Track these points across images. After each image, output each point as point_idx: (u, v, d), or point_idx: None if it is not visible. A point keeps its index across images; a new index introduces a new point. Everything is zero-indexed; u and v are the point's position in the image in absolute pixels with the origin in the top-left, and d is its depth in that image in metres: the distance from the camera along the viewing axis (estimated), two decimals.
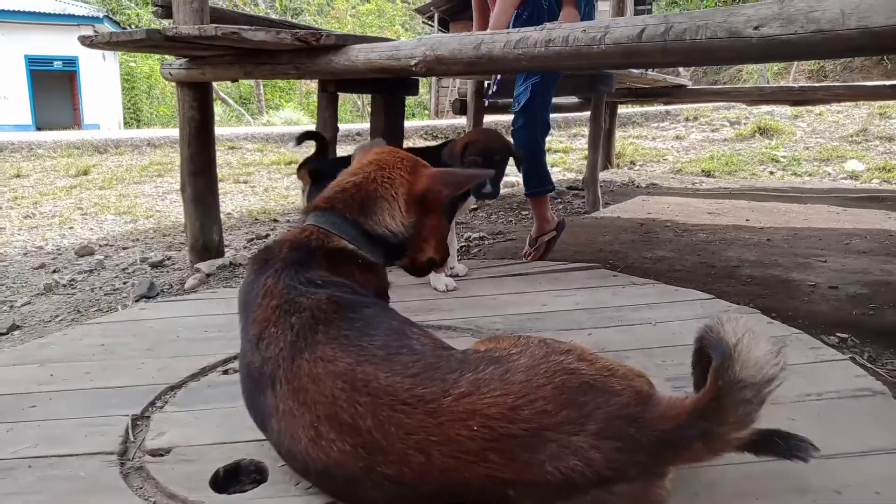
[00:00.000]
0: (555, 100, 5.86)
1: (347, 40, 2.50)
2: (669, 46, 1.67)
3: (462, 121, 6.50)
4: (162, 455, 1.29)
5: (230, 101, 19.99)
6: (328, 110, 2.95)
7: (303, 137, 2.64)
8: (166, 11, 2.93)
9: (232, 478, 1.23)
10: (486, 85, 4.84)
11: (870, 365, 1.71)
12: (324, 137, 2.64)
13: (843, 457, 1.21)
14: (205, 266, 3.01)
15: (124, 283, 3.01)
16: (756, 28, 1.53)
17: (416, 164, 1.39)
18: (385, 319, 1.17)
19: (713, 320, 1.01)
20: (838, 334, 1.96)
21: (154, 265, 3.29)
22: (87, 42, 2.64)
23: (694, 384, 1.12)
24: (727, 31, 1.58)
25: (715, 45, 1.60)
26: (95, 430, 1.39)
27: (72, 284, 3.03)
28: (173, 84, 3.14)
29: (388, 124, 3.05)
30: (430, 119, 14.65)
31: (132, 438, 1.37)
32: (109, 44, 2.66)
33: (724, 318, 0.99)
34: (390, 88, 3.01)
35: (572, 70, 3.41)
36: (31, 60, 18.63)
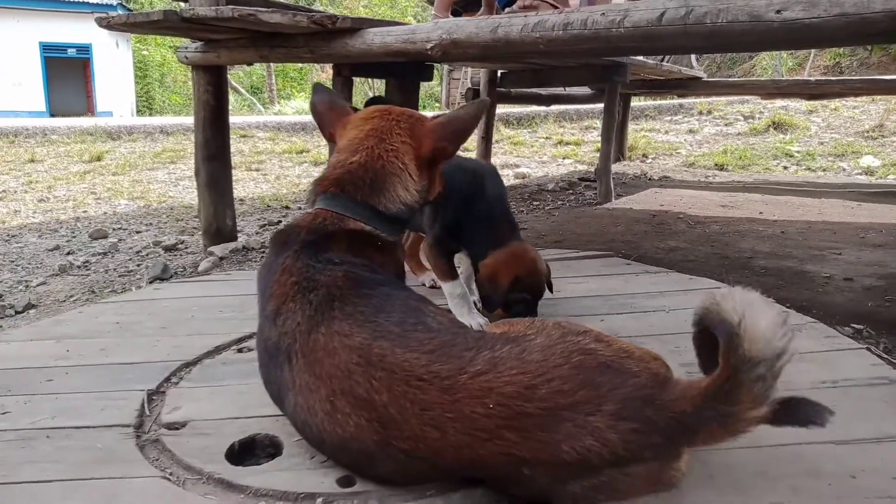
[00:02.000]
0: (568, 90, 5.86)
1: (363, 24, 2.50)
2: (690, 30, 1.65)
3: None
4: (177, 428, 1.30)
5: (242, 91, 20.00)
6: (343, 94, 2.94)
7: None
8: None
9: (247, 451, 1.24)
10: (497, 74, 4.81)
11: (885, 356, 1.69)
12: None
13: (858, 443, 1.21)
14: (218, 250, 3.02)
15: (138, 265, 3.02)
16: (778, 12, 1.51)
17: (413, 124, 1.34)
18: (401, 297, 1.16)
19: (708, 299, 0.98)
20: (853, 325, 1.94)
21: (167, 249, 3.31)
22: (105, 23, 2.64)
23: (701, 367, 1.08)
24: (748, 14, 1.56)
25: (736, 28, 1.59)
26: (111, 403, 1.41)
27: (86, 266, 3.05)
28: (186, 72, 3.16)
29: None
30: (441, 110, 14.62)
31: (148, 412, 1.38)
32: (126, 25, 2.67)
33: (720, 296, 0.96)
34: (405, 73, 3.00)
35: (590, 56, 3.39)
36: (46, 47, 18.74)
